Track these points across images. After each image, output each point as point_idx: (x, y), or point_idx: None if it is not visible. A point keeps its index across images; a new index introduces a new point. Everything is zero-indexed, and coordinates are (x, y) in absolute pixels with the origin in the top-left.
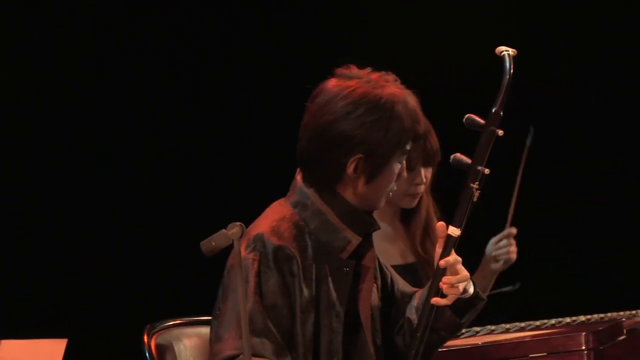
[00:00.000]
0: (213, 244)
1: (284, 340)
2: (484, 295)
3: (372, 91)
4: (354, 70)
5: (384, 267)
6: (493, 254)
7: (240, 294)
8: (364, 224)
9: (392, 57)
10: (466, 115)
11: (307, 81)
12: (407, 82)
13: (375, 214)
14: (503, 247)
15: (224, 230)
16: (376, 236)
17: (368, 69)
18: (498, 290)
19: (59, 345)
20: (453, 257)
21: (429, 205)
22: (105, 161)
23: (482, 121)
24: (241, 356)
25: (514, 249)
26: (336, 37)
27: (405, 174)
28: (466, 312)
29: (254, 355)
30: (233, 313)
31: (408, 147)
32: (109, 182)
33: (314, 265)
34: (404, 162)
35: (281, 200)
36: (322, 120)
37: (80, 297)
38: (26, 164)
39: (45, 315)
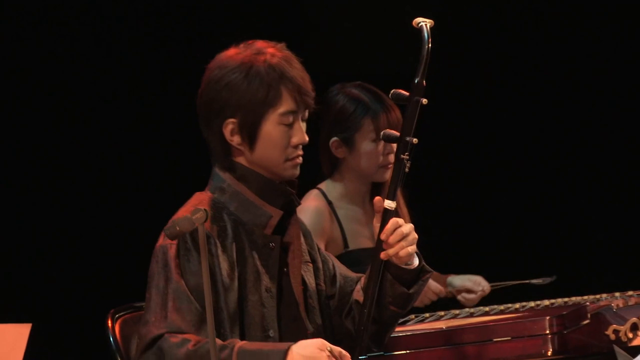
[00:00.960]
0: (177, 228)
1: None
2: (429, 268)
3: (236, 55)
4: (241, 45)
5: (324, 253)
6: (464, 296)
7: (204, 273)
8: (283, 194)
9: (313, 38)
10: (392, 91)
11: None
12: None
13: (347, 198)
14: (471, 299)
15: (188, 215)
16: (347, 219)
17: (251, 42)
18: (528, 282)
19: (23, 330)
20: (390, 226)
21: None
22: (62, 143)
23: (406, 93)
24: (166, 334)
25: (476, 301)
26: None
27: (305, 137)
28: (414, 283)
29: (177, 331)
30: (157, 297)
31: (286, 107)
32: (71, 165)
33: (234, 244)
34: (298, 125)
35: (202, 191)
36: (199, 95)
37: (44, 282)
38: None
39: (9, 300)
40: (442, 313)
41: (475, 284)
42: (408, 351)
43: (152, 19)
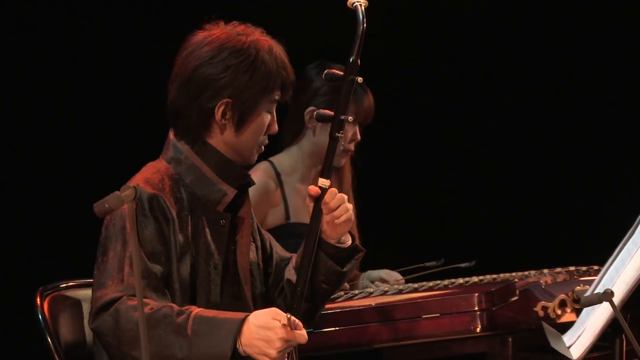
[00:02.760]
0: (106, 205)
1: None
2: (362, 247)
3: (236, 37)
4: (220, 24)
5: (263, 231)
6: (379, 284)
7: (133, 253)
8: (239, 177)
9: (253, 16)
10: (325, 71)
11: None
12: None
13: (297, 174)
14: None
15: (117, 192)
16: (292, 192)
17: (234, 23)
18: (456, 266)
19: None
20: (330, 193)
21: (350, 168)
22: None
23: (340, 73)
24: (124, 297)
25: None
26: None
27: (276, 126)
28: (347, 261)
29: (133, 294)
30: (115, 260)
31: (277, 95)
32: None
33: (190, 217)
34: (274, 113)
35: (156, 160)
36: (187, 68)
37: None
38: None
39: None
40: (372, 290)
41: (389, 275)
42: (337, 328)
43: None
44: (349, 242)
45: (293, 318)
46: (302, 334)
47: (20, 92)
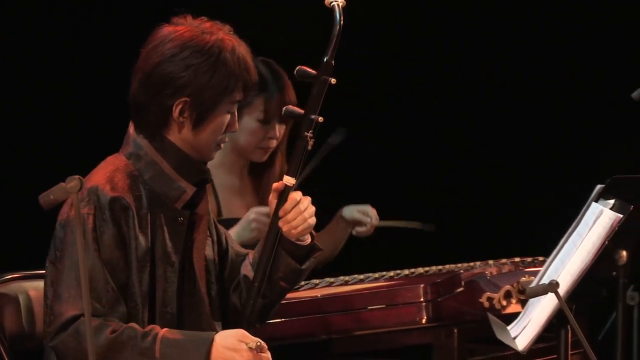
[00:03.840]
0: (52, 197)
1: (121, 292)
2: (320, 246)
3: (200, 36)
4: (188, 19)
5: (218, 225)
6: (357, 229)
7: (80, 253)
8: (198, 173)
9: (227, 11)
10: (297, 68)
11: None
12: (240, 34)
13: (224, 167)
14: (367, 223)
15: (62, 184)
16: (223, 187)
17: (203, 18)
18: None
19: None
20: (289, 203)
21: (282, 163)
22: None
23: (313, 72)
24: (82, 318)
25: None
26: None
27: (237, 126)
28: (306, 259)
29: (93, 313)
30: (71, 272)
31: (238, 96)
32: None
33: (149, 214)
34: (235, 113)
35: (115, 154)
36: (149, 63)
37: None
38: None
39: None
40: (317, 281)
41: (364, 214)
42: (283, 319)
43: None
44: (309, 239)
45: (258, 340)
46: (267, 357)
47: None
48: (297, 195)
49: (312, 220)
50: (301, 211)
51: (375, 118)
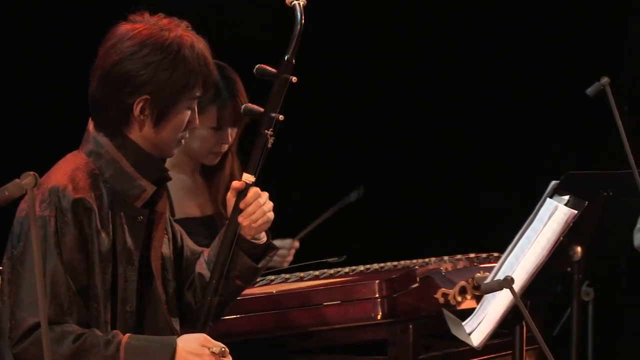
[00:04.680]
0: (6, 193)
1: (82, 295)
2: (275, 245)
3: (159, 33)
4: (145, 16)
5: (174, 223)
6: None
7: (35, 253)
8: (157, 171)
9: (186, 7)
10: (256, 66)
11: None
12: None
13: (177, 168)
14: (282, 255)
15: (17, 180)
16: (175, 187)
17: (160, 15)
18: (324, 260)
19: None
20: (250, 195)
21: (233, 164)
22: None
23: (273, 70)
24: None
25: (289, 259)
26: None
27: (197, 122)
28: (262, 257)
29: (54, 320)
30: (32, 276)
31: (198, 92)
32: None
33: (110, 213)
34: (196, 109)
35: (75, 152)
36: (108, 61)
37: None
38: None
39: None
40: (273, 277)
41: (284, 241)
42: (239, 316)
43: None
44: (264, 238)
45: (224, 348)
46: None
47: None
48: (256, 189)
49: (271, 215)
50: (261, 205)
51: (333, 115)
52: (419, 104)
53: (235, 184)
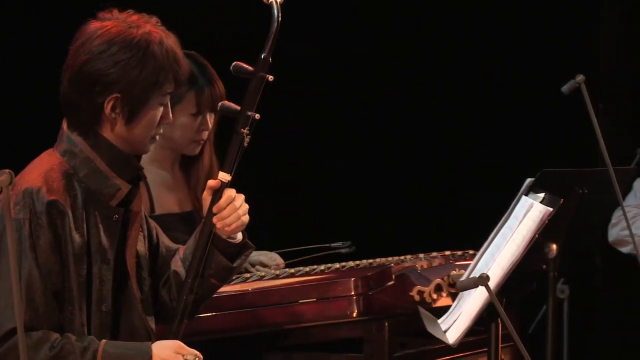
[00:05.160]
0: None
1: (56, 298)
2: (251, 244)
3: (127, 30)
4: (115, 13)
5: (149, 220)
6: (258, 269)
7: (11, 262)
8: (132, 170)
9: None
10: (233, 63)
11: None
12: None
13: (156, 163)
14: (271, 266)
15: None
16: (155, 183)
17: (129, 12)
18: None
19: None
20: (224, 199)
21: (211, 155)
22: None
23: (250, 68)
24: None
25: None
26: None
27: (170, 117)
28: (237, 256)
29: (29, 326)
30: (8, 279)
31: (169, 88)
32: None
33: (84, 213)
34: (168, 104)
35: (49, 150)
36: (78, 61)
37: None
38: None
39: None
40: (248, 275)
41: (270, 259)
42: (214, 314)
43: None
44: (240, 237)
45: (198, 355)
46: None
47: None
48: (231, 192)
49: (246, 218)
50: (236, 208)
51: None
52: (406, 102)
53: (211, 182)
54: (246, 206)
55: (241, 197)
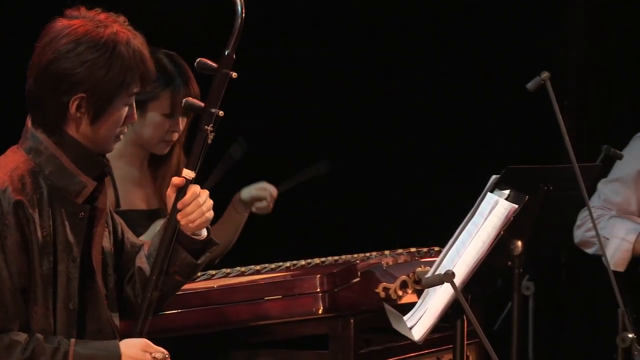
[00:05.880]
0: None
1: (25, 298)
2: (216, 240)
3: (95, 30)
4: (82, 11)
5: (114, 215)
6: (256, 205)
7: None
8: (98, 167)
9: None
10: (197, 60)
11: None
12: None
13: (125, 159)
14: (267, 196)
15: None
16: (122, 178)
17: (97, 10)
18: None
19: None
20: (188, 195)
21: (180, 156)
22: None
23: (214, 64)
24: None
25: (271, 206)
26: None
27: (135, 117)
28: (202, 253)
29: (3, 329)
30: None
31: (135, 89)
32: None
33: (50, 211)
34: (134, 105)
35: (14, 147)
36: (44, 59)
37: None
38: None
39: None
40: (214, 272)
41: (262, 189)
42: (179, 311)
43: None
44: (205, 234)
45: (165, 353)
46: None
47: None
48: (196, 188)
49: (210, 214)
50: (200, 204)
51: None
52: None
53: (175, 180)
54: (210, 202)
55: (205, 193)
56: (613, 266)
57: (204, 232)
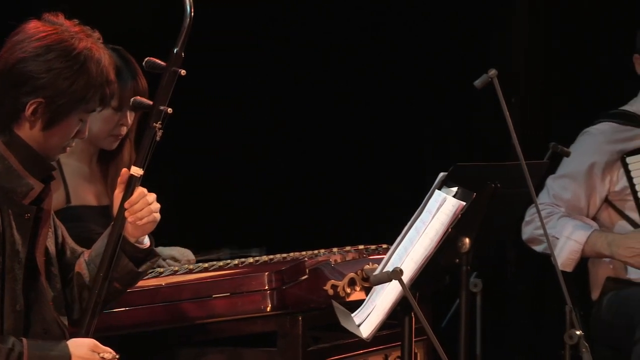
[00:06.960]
0: None
1: None
2: (157, 252)
3: (69, 40)
4: (60, 18)
5: (56, 219)
6: (165, 264)
7: None
8: (45, 169)
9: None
10: (146, 59)
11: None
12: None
13: (74, 155)
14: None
15: None
16: (72, 174)
17: (75, 21)
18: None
19: None
20: (136, 194)
21: (131, 152)
22: None
23: (162, 63)
24: None
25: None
26: None
27: (86, 133)
28: (144, 262)
29: None
30: None
31: (93, 107)
32: None
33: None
34: (87, 121)
35: None
36: (12, 57)
37: None
38: None
39: None
40: (161, 270)
41: (182, 254)
42: (127, 308)
43: None
44: (148, 242)
45: (109, 350)
46: None
47: None
48: (143, 189)
49: (157, 216)
50: (148, 203)
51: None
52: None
53: (122, 178)
54: (158, 205)
55: (153, 196)
56: (561, 266)
57: (147, 241)
